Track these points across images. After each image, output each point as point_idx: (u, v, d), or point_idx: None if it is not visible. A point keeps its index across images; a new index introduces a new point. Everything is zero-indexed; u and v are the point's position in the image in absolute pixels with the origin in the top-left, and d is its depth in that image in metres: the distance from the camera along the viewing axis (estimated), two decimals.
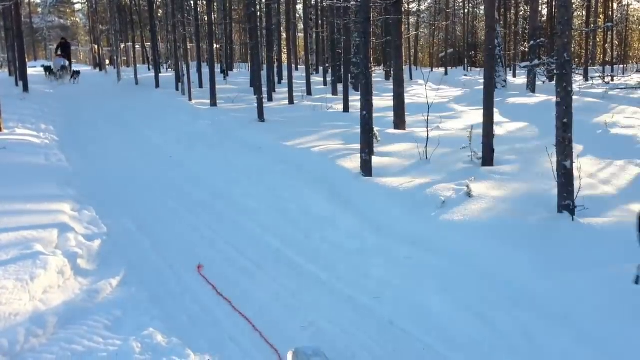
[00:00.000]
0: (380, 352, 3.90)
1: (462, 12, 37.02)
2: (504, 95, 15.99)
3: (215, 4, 26.99)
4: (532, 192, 6.24)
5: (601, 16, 30.95)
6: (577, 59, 28.96)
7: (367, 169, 7.14)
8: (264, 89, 14.31)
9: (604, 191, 6.38)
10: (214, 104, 14.94)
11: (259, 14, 21.34)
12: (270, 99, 15.92)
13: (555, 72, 5.49)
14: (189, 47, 22.26)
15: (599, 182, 6.76)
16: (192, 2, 20.72)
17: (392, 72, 11.16)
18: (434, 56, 40.15)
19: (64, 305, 4.33)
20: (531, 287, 4.38)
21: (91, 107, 16.42)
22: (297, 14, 32.32)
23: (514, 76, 26.39)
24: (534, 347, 3.79)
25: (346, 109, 13.43)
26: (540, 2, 23.11)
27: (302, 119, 12.27)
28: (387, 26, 18.06)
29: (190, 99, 15.96)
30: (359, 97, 7.48)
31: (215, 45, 25.92)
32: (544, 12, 29.26)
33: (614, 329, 3.78)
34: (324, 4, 22.22)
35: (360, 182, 7.03)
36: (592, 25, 25.33)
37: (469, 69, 34.00)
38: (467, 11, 36.70)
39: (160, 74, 21.30)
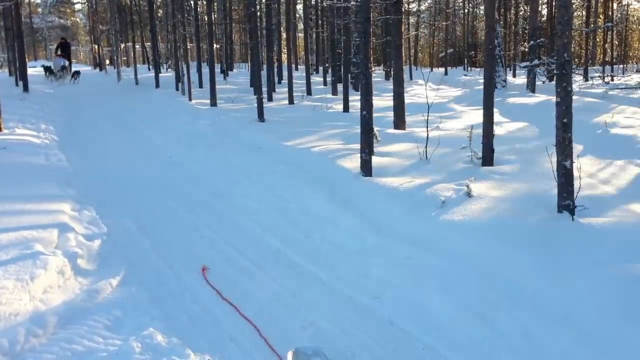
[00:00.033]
0: (380, 352, 3.90)
1: (462, 12, 37.04)
2: (504, 95, 16.00)
3: (215, 4, 26.99)
4: (532, 192, 6.24)
5: (601, 16, 30.95)
6: (577, 59, 28.97)
7: (367, 168, 7.15)
8: (264, 89, 14.31)
9: (604, 191, 6.38)
10: (214, 104, 14.94)
11: (259, 14, 21.35)
12: (270, 99, 15.92)
13: (555, 72, 5.49)
14: (189, 47, 22.26)
15: (599, 182, 6.76)
16: (192, 2, 20.72)
17: (392, 72, 11.16)
18: (434, 56, 40.17)
19: (64, 305, 4.33)
20: (531, 287, 4.39)
21: (91, 107, 16.43)
22: (297, 14, 32.33)
23: (514, 76, 26.40)
24: (534, 347, 3.79)
25: (346, 109, 13.44)
26: (540, 2, 23.11)
27: (302, 119, 12.27)
28: (387, 26, 18.07)
29: (190, 99, 15.97)
30: (359, 97, 7.48)
31: (215, 45, 25.92)
32: (544, 12, 29.28)
33: (613, 329, 3.79)
34: (324, 4, 22.22)
35: (360, 182, 7.03)
36: (592, 25, 25.33)
37: (469, 68, 34.02)
38: (467, 11, 36.71)
39: (160, 74, 21.31)
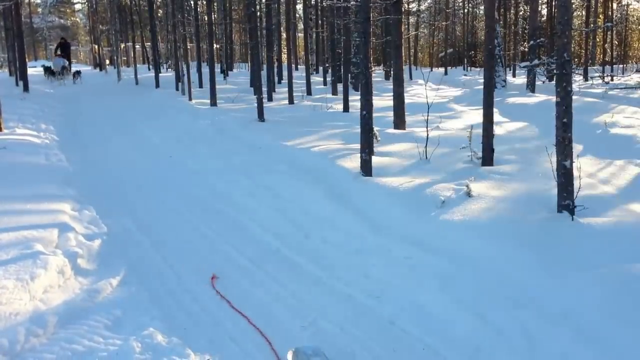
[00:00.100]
0: (380, 351, 3.90)
1: (462, 12, 37.06)
2: (504, 95, 16.00)
3: (215, 4, 27.00)
4: (532, 191, 6.24)
5: (601, 16, 30.96)
6: (576, 59, 28.98)
7: (367, 168, 7.15)
8: (264, 89, 14.32)
9: (604, 191, 6.38)
10: (214, 103, 14.95)
11: (258, 14, 21.36)
12: (270, 99, 15.93)
13: (555, 71, 5.49)
14: (189, 47, 22.28)
15: (599, 182, 6.76)
16: (192, 2, 20.74)
17: (392, 72, 11.16)
18: (434, 56, 40.18)
19: (64, 304, 4.33)
20: (531, 286, 4.38)
21: (91, 107, 16.43)
22: (297, 14, 32.35)
23: (514, 76, 26.42)
24: (534, 347, 3.79)
25: (346, 108, 13.44)
26: (539, 2, 23.11)
27: (302, 118, 12.28)
28: (387, 26, 18.08)
29: (190, 99, 15.97)
30: (359, 97, 7.48)
31: (215, 45, 25.93)
32: (544, 12, 29.29)
33: (613, 329, 3.78)
34: (324, 3, 22.23)
35: (360, 182, 7.03)
36: (592, 25, 25.34)
37: (469, 68, 34.05)
38: (466, 11, 36.73)
39: (160, 74, 21.32)
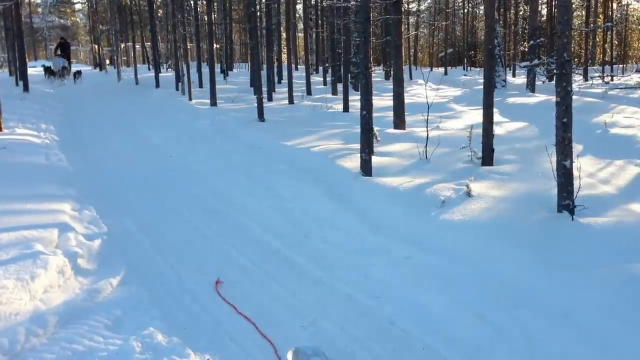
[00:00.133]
0: (380, 351, 3.90)
1: (462, 12, 37.05)
2: (504, 95, 16.01)
3: (215, 3, 27.00)
4: (532, 191, 6.24)
5: (601, 16, 30.96)
6: (576, 59, 28.99)
7: (367, 168, 7.15)
8: (264, 89, 14.32)
9: (604, 191, 6.38)
10: (214, 103, 14.95)
11: (258, 14, 21.36)
12: (270, 99, 15.93)
13: (554, 71, 5.49)
14: (189, 47, 22.28)
15: (599, 182, 6.76)
16: (192, 2, 20.74)
17: (392, 72, 11.16)
18: (434, 56, 40.17)
19: (64, 304, 4.33)
20: (531, 286, 4.39)
21: (91, 107, 16.44)
22: (297, 14, 32.35)
23: (514, 76, 26.42)
24: (534, 347, 3.79)
25: (346, 108, 13.44)
26: (539, 1, 23.12)
27: (302, 118, 12.28)
28: (387, 26, 18.08)
29: (190, 99, 15.97)
30: (359, 97, 7.48)
31: (215, 45, 25.92)
32: (544, 12, 29.30)
33: (613, 329, 3.79)
34: (324, 3, 22.22)
35: (360, 181, 7.03)
36: (592, 25, 25.34)
37: (469, 68, 34.04)
38: (466, 11, 36.72)
39: (160, 74, 21.32)
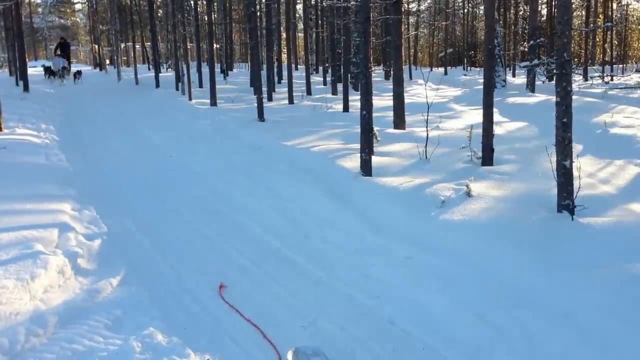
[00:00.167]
0: (380, 351, 3.90)
1: (462, 12, 37.05)
2: (504, 94, 16.01)
3: (215, 3, 27.00)
4: (532, 191, 6.24)
5: (600, 16, 30.95)
6: (576, 59, 28.98)
7: (367, 168, 7.15)
8: (264, 89, 14.32)
9: (604, 191, 6.38)
10: (214, 103, 14.95)
11: (258, 14, 21.36)
12: (270, 99, 15.93)
13: (554, 71, 5.50)
14: (189, 47, 22.28)
15: (599, 182, 6.77)
16: (192, 2, 20.74)
17: (392, 72, 11.17)
18: (434, 56, 40.17)
19: (64, 304, 4.33)
20: (531, 286, 4.39)
21: (91, 107, 16.44)
22: (297, 14, 32.35)
23: (514, 76, 26.42)
24: (534, 347, 3.79)
25: (346, 108, 13.45)
26: (539, 1, 23.12)
27: (302, 118, 12.28)
28: (387, 26, 18.08)
29: (190, 99, 15.98)
30: (359, 97, 7.48)
31: (215, 45, 25.92)
32: (544, 12, 29.30)
33: (613, 329, 3.79)
34: (324, 3, 22.22)
35: (360, 181, 7.03)
36: (592, 25, 25.34)
37: (469, 68, 34.03)
38: (466, 11, 36.72)
39: (160, 74, 21.32)
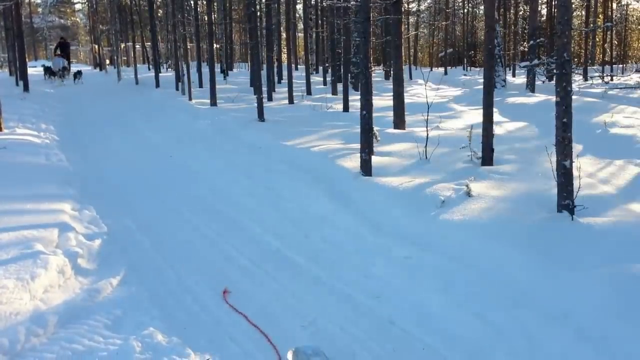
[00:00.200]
0: (380, 351, 3.90)
1: (462, 11, 37.05)
2: (504, 94, 16.01)
3: (215, 3, 27.00)
4: (532, 191, 6.24)
5: (600, 16, 30.95)
6: (576, 59, 28.98)
7: (366, 168, 7.15)
8: (264, 89, 14.32)
9: (604, 191, 6.38)
10: (214, 103, 14.95)
11: (258, 14, 21.35)
12: (270, 99, 15.93)
13: (554, 71, 5.49)
14: (189, 46, 22.28)
15: (599, 182, 6.77)
16: (192, 2, 20.74)
17: (392, 72, 11.17)
18: (434, 56, 40.17)
19: (64, 304, 4.33)
20: (531, 286, 4.39)
21: (91, 107, 16.44)
22: (297, 14, 32.34)
23: (514, 76, 26.41)
24: (534, 347, 3.80)
25: (346, 108, 13.45)
26: (539, 1, 23.11)
27: (302, 118, 12.28)
28: (387, 26, 18.09)
29: (190, 99, 15.98)
30: (359, 97, 7.48)
31: (215, 45, 25.92)
32: (544, 11, 29.29)
33: (613, 329, 3.79)
34: (324, 3, 22.22)
35: (360, 181, 7.03)
36: (592, 25, 25.33)
37: (469, 68, 34.02)
38: (466, 11, 36.71)
39: (160, 74, 21.32)
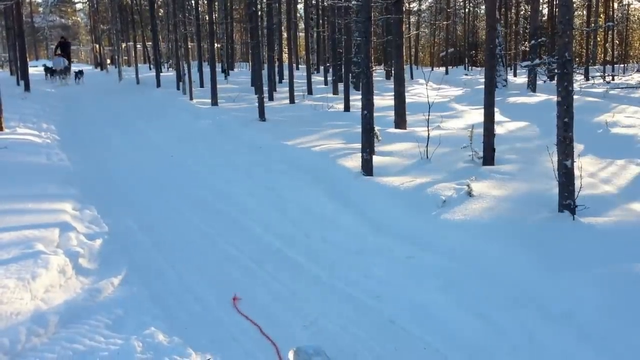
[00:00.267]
0: (381, 351, 3.90)
1: (463, 11, 37.02)
2: (505, 94, 15.99)
3: (216, 3, 26.98)
4: (533, 191, 6.23)
5: (602, 16, 30.91)
6: (577, 59, 28.94)
7: (367, 168, 7.15)
8: (265, 88, 14.31)
9: (605, 190, 6.37)
10: (215, 103, 14.95)
11: (260, 14, 21.33)
12: (271, 98, 15.93)
13: (556, 71, 5.49)
14: (190, 46, 22.29)
15: (600, 182, 6.76)
16: (192, 2, 20.73)
17: (393, 72, 11.16)
18: (435, 55, 40.15)
19: (65, 304, 4.33)
20: (532, 286, 4.38)
21: (92, 107, 16.45)
22: (298, 14, 32.35)
23: (515, 75, 26.38)
24: (535, 347, 3.79)
25: (347, 108, 13.43)
26: (540, 1, 23.10)
27: (303, 118, 12.28)
28: (388, 25, 18.07)
29: (191, 98, 15.98)
30: (360, 97, 7.48)
31: (216, 44, 25.92)
32: (545, 11, 29.27)
33: (615, 329, 3.78)
34: (325, 3, 22.23)
35: (361, 181, 7.03)
36: (593, 24, 25.30)
37: (470, 68, 33.98)
38: (467, 10, 36.69)
39: (161, 74, 21.33)
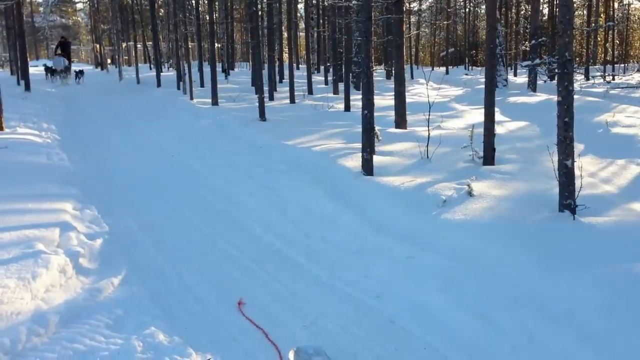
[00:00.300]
0: (381, 351, 3.90)
1: (463, 11, 37.02)
2: (505, 94, 15.99)
3: (216, 3, 26.99)
4: (533, 191, 6.23)
5: (602, 15, 30.90)
6: (578, 58, 28.94)
7: (368, 168, 7.15)
8: (265, 88, 14.31)
9: (605, 190, 6.37)
10: (215, 103, 14.95)
11: (260, 13, 21.34)
12: (271, 98, 15.93)
13: (556, 71, 5.48)
14: (190, 46, 22.30)
15: (600, 181, 6.76)
16: (193, 1, 20.75)
17: (394, 71, 11.16)
18: (435, 55, 40.16)
19: (65, 304, 4.33)
20: (532, 286, 4.38)
21: (93, 106, 16.46)
22: (299, 13, 32.32)
23: (515, 75, 26.37)
24: (535, 347, 3.79)
25: (347, 108, 13.44)
26: (541, 1, 23.09)
27: (303, 118, 12.28)
28: (389, 25, 18.06)
29: (191, 98, 15.98)
30: (360, 96, 7.48)
31: (216, 44, 25.91)
32: (545, 11, 29.26)
33: (615, 329, 3.78)
34: (325, 3, 22.23)
35: (361, 181, 7.03)
36: (593, 24, 25.29)
37: (470, 68, 33.98)
38: (468, 10, 36.69)
39: (161, 73, 21.34)
